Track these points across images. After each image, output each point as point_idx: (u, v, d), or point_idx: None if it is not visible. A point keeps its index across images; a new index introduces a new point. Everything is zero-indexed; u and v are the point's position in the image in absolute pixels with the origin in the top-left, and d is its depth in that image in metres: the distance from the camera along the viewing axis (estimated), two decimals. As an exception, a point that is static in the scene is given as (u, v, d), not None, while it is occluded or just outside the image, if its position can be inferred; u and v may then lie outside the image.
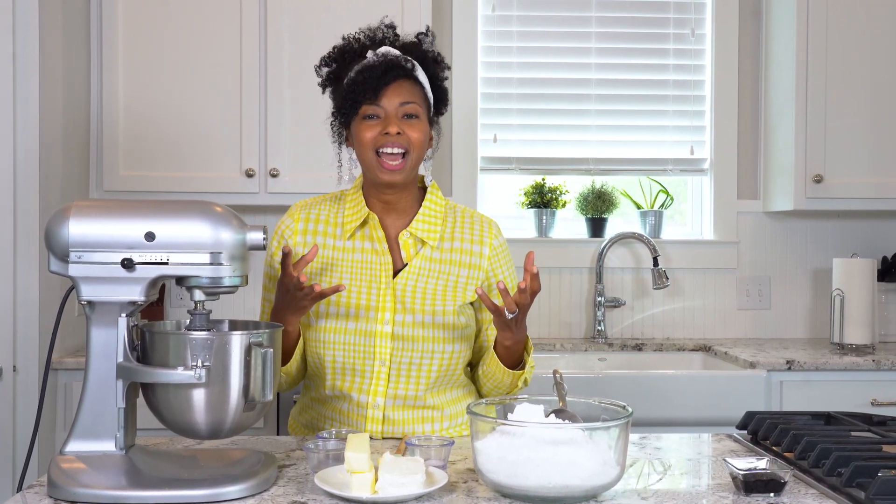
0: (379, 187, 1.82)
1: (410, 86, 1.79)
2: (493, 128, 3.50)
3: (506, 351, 1.79)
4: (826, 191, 3.19)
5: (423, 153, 1.82)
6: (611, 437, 1.34)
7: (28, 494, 1.36)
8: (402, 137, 1.75)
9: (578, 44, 3.51)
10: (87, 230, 1.38)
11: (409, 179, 1.82)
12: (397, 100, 1.76)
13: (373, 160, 1.77)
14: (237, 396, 1.39)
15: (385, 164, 1.76)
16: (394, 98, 1.76)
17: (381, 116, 1.76)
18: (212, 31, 3.07)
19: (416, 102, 1.78)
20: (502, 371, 1.81)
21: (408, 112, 1.77)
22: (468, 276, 1.84)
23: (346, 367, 1.80)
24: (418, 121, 1.78)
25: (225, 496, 1.33)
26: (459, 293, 1.83)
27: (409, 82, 1.78)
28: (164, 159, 3.07)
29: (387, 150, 1.75)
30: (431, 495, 1.35)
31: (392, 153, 1.75)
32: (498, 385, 1.85)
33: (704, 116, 3.54)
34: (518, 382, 1.85)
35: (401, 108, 1.77)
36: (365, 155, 1.78)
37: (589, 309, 3.49)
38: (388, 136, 1.74)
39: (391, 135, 1.74)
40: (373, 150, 1.76)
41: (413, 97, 1.78)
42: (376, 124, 1.76)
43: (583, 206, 3.52)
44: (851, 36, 3.18)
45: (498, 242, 1.90)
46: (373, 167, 1.78)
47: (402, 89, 1.77)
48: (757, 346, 3.25)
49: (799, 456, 1.54)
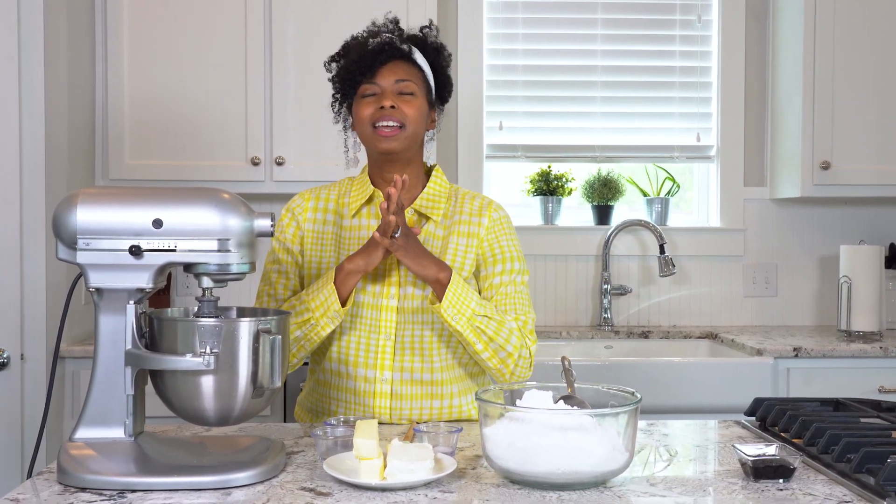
0: (381, 163, 1.87)
1: (407, 66, 1.85)
2: (498, 115, 3.49)
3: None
4: (833, 177, 3.17)
5: (420, 130, 1.86)
6: (619, 423, 1.34)
7: (38, 481, 1.37)
8: (397, 111, 1.81)
9: (584, 30, 3.49)
10: (95, 217, 1.38)
11: (407, 150, 1.86)
12: (392, 77, 1.82)
13: (370, 133, 1.82)
14: (245, 383, 1.39)
15: (381, 132, 1.81)
16: (389, 76, 1.82)
17: (377, 94, 1.82)
18: (216, 19, 3.07)
19: (412, 81, 1.84)
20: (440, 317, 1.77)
21: (403, 90, 1.83)
22: (467, 244, 1.88)
23: (352, 341, 1.83)
24: (413, 98, 1.83)
25: (233, 482, 1.33)
26: (463, 265, 1.86)
27: (405, 63, 1.85)
28: (170, 148, 3.06)
29: (382, 124, 1.80)
30: (440, 481, 1.36)
31: (388, 126, 1.80)
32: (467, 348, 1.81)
33: (711, 103, 3.53)
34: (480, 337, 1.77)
35: (396, 84, 1.82)
36: (363, 130, 1.84)
37: (595, 297, 3.48)
38: (383, 111, 1.80)
39: (385, 108, 1.80)
40: (370, 125, 1.82)
41: (409, 76, 1.84)
42: (373, 101, 1.82)
43: (589, 194, 3.51)
44: (859, 22, 3.16)
45: (498, 216, 1.93)
46: (371, 139, 1.83)
47: (398, 68, 1.83)
48: (764, 334, 3.24)
49: (808, 442, 1.54)
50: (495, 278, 1.87)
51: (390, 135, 1.81)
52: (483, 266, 1.89)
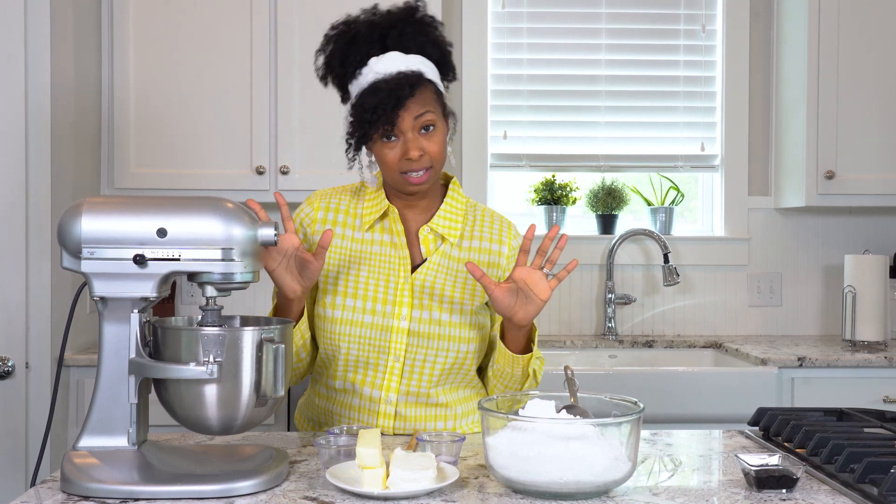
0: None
1: (421, 91, 1.71)
2: (503, 125, 3.50)
3: (512, 338, 1.78)
4: (838, 187, 3.17)
5: (445, 157, 1.79)
6: (622, 432, 1.34)
7: (41, 489, 1.37)
8: (424, 158, 1.73)
9: (588, 40, 3.50)
10: (100, 226, 1.38)
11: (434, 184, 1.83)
12: (411, 117, 1.71)
13: (398, 178, 1.75)
14: (249, 392, 1.39)
15: (411, 179, 1.74)
16: (408, 117, 1.71)
17: (398, 137, 1.72)
18: (222, 28, 3.08)
19: (430, 108, 1.73)
20: (511, 360, 1.78)
21: (424, 124, 1.72)
22: (487, 274, 1.84)
23: (360, 360, 1.79)
24: (435, 129, 1.74)
25: (237, 491, 1.33)
26: (478, 292, 1.83)
27: (419, 88, 1.71)
28: (175, 156, 3.07)
29: (412, 174, 1.74)
30: (443, 491, 1.35)
31: (417, 174, 1.74)
32: (508, 381, 1.84)
33: (715, 113, 3.53)
34: (529, 372, 1.82)
35: (416, 122, 1.71)
36: (390, 174, 1.76)
37: (599, 306, 3.48)
38: (410, 162, 1.72)
39: (414, 160, 1.72)
40: (397, 172, 1.74)
41: (425, 104, 1.72)
42: (395, 145, 1.73)
43: (593, 203, 3.51)
44: (863, 31, 3.16)
45: (517, 243, 1.90)
46: (399, 183, 1.77)
47: (414, 101, 1.70)
48: (768, 343, 3.24)
49: (811, 452, 1.54)
50: None
51: (421, 181, 1.74)
52: None
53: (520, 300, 1.69)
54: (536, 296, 1.68)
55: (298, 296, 1.69)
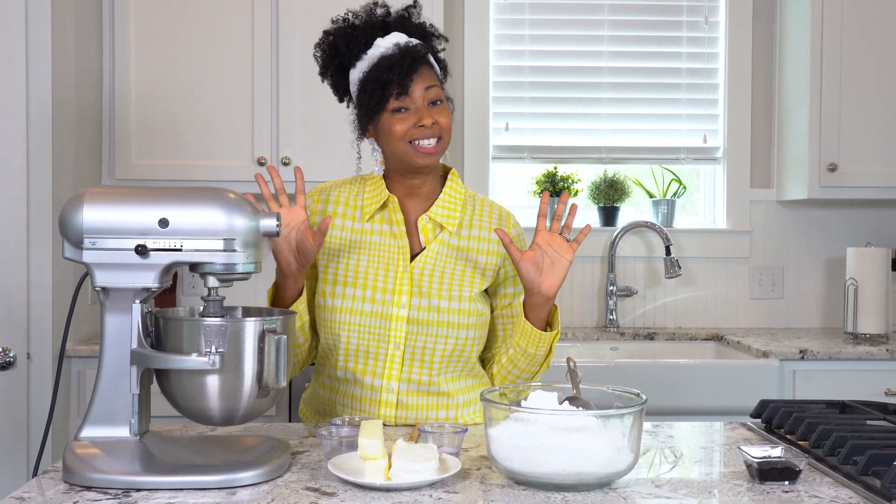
0: (407, 174, 1.83)
1: (427, 69, 1.79)
2: (505, 116, 3.49)
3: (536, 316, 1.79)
4: (840, 179, 3.17)
5: (451, 136, 1.84)
6: (625, 424, 1.33)
7: (43, 480, 1.37)
8: (435, 126, 1.77)
9: (591, 31, 3.49)
10: (102, 216, 1.38)
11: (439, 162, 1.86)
12: (422, 87, 1.76)
13: (407, 149, 1.77)
14: (251, 383, 1.39)
15: (421, 148, 1.77)
16: (418, 88, 1.76)
17: (409, 108, 1.76)
18: (223, 19, 3.07)
19: (436, 84, 1.80)
20: (537, 339, 1.79)
21: (432, 98, 1.78)
22: (486, 262, 1.85)
23: (360, 349, 1.80)
24: (443, 104, 1.80)
25: (238, 482, 1.33)
26: (477, 279, 1.84)
27: (425, 66, 1.79)
28: (176, 148, 3.07)
29: (424, 143, 1.76)
30: (445, 482, 1.35)
31: (429, 143, 1.76)
32: (529, 362, 1.84)
33: (718, 105, 3.53)
34: (551, 350, 1.84)
35: (426, 94, 1.77)
36: (397, 146, 1.78)
37: (601, 298, 3.48)
38: (423, 129, 1.75)
39: (427, 126, 1.75)
40: (406, 142, 1.77)
41: (432, 79, 1.79)
42: (406, 117, 1.76)
43: (595, 195, 3.51)
44: (866, 24, 3.15)
45: (516, 232, 1.92)
46: (408, 155, 1.78)
47: (422, 76, 1.77)
48: (770, 336, 3.23)
49: (814, 444, 1.54)
50: (515, 298, 1.90)
51: (431, 151, 1.77)
52: (503, 284, 1.90)
53: (546, 267, 1.74)
54: (562, 256, 1.74)
55: (293, 271, 1.72)
